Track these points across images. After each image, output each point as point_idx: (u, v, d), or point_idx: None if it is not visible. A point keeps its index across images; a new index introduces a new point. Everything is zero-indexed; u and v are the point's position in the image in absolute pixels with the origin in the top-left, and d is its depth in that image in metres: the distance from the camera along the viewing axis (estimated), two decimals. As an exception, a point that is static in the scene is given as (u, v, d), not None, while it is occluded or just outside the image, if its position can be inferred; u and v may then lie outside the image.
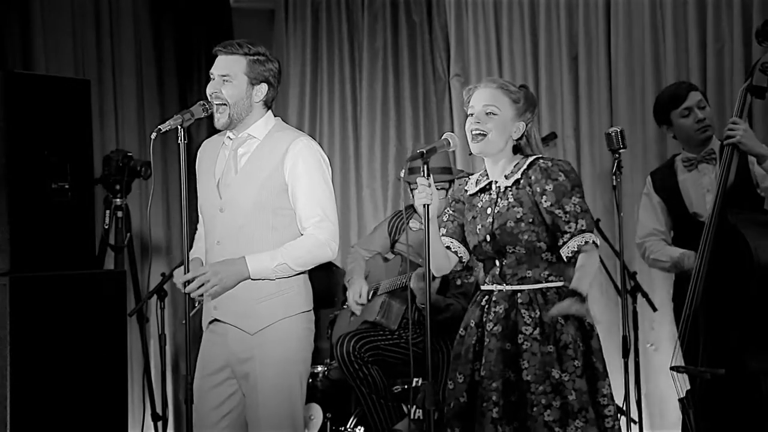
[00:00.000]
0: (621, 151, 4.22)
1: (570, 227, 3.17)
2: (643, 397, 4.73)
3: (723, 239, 4.10)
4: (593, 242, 3.20)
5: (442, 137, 3.24)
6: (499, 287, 3.25)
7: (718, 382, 4.06)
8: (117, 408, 4.53)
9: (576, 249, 3.17)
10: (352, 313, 4.99)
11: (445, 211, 3.41)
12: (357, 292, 4.85)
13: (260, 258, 3.34)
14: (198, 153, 3.60)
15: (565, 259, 3.21)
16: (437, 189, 3.27)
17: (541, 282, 3.23)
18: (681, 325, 4.17)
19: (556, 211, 3.17)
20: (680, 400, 4.30)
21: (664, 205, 4.49)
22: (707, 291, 4.12)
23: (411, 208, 4.86)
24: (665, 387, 5.02)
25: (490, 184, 3.31)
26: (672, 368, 4.22)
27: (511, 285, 3.23)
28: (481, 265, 3.40)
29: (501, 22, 5.65)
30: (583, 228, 3.18)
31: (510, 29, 5.63)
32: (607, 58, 5.45)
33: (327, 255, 3.40)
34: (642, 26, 5.36)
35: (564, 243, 3.18)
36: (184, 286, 3.33)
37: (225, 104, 3.38)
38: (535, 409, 3.10)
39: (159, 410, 5.04)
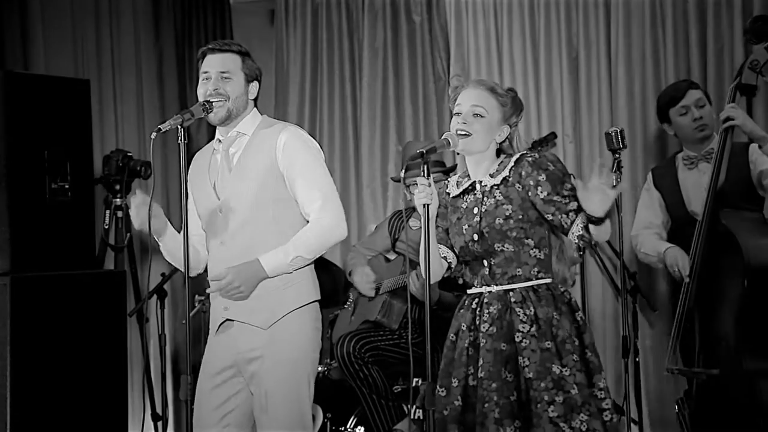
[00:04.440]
0: (621, 150, 4.23)
1: (571, 206, 3.14)
2: (643, 397, 4.74)
3: (716, 239, 4.11)
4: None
5: (442, 137, 3.25)
6: (489, 288, 3.25)
7: (713, 383, 4.07)
8: (117, 408, 4.54)
9: (585, 223, 3.13)
10: (353, 313, 4.99)
11: None
12: (363, 275, 4.86)
13: (274, 256, 3.35)
14: (191, 165, 3.60)
15: (576, 239, 3.17)
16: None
17: (532, 279, 3.23)
18: (674, 326, 4.18)
19: (555, 198, 3.16)
20: (677, 401, 4.30)
21: (663, 202, 4.50)
22: (701, 291, 4.13)
23: (411, 209, 4.87)
24: (665, 387, 5.02)
25: (473, 184, 3.32)
26: (667, 369, 4.23)
27: (502, 285, 3.24)
28: (464, 267, 3.39)
29: (501, 22, 5.64)
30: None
31: (510, 29, 5.62)
32: (607, 58, 5.45)
33: (339, 235, 3.42)
34: (642, 26, 5.37)
35: (572, 222, 3.15)
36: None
37: (226, 100, 3.39)
38: (538, 405, 3.09)
39: (159, 410, 5.05)
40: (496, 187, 3.25)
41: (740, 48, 5.16)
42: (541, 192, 3.17)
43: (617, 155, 4.21)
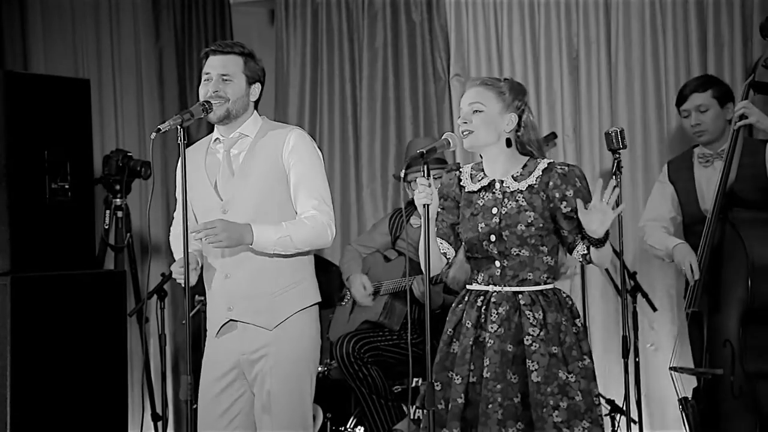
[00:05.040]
0: (621, 150, 4.22)
1: None
2: (643, 397, 4.74)
3: (723, 238, 4.10)
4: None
5: (442, 137, 3.25)
6: (497, 288, 3.25)
7: (718, 382, 4.07)
8: (117, 408, 4.54)
9: (588, 245, 3.20)
10: (351, 311, 4.99)
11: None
12: (360, 286, 4.86)
13: (265, 229, 3.33)
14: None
15: (581, 258, 3.24)
16: (434, 178, 3.28)
17: (540, 284, 3.25)
18: (684, 323, 4.17)
19: (576, 216, 3.18)
20: (679, 400, 4.30)
21: (675, 196, 4.48)
22: (708, 289, 4.12)
23: (412, 206, 4.86)
24: (665, 387, 5.01)
25: (492, 182, 3.31)
26: (671, 368, 4.23)
27: (511, 286, 3.24)
28: (462, 260, 3.39)
29: (501, 22, 5.64)
30: None
31: (510, 29, 5.62)
32: (607, 58, 5.45)
33: (327, 237, 3.42)
34: (642, 26, 5.37)
35: (579, 241, 3.23)
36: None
37: (225, 101, 3.39)
38: (544, 410, 3.11)
39: (159, 410, 5.04)
40: (519, 192, 3.26)
41: (740, 48, 5.16)
42: (565, 207, 3.20)
43: (617, 155, 4.20)
